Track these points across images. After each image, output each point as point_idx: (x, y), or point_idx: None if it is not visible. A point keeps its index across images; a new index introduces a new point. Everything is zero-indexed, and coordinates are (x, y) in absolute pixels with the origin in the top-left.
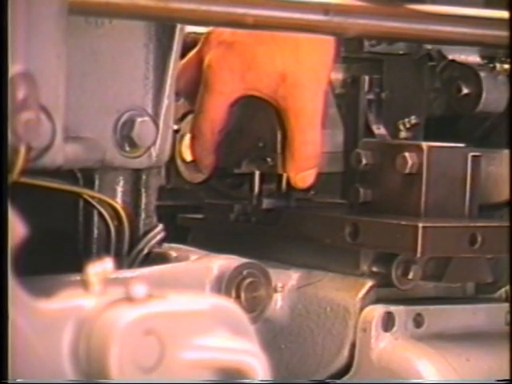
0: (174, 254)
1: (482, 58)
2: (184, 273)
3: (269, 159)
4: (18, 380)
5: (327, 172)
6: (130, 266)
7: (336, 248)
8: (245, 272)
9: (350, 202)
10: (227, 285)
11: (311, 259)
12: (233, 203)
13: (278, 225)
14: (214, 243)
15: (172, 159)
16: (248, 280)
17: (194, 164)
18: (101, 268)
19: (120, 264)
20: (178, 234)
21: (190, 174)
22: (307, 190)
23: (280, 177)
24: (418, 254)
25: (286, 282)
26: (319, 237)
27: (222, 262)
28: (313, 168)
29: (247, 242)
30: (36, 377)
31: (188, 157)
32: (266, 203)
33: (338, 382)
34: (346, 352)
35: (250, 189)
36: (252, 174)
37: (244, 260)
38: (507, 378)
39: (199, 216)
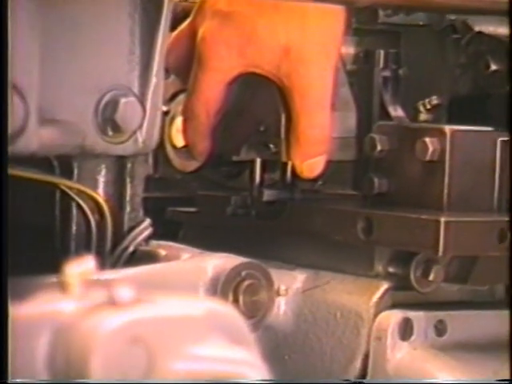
0: (163, 252)
1: None
2: (174, 274)
3: (271, 145)
4: (18, 380)
5: (337, 160)
6: (114, 265)
7: (347, 245)
8: (243, 273)
9: (363, 194)
10: (223, 287)
11: (319, 258)
12: (230, 195)
13: (282, 219)
14: (208, 240)
15: (161, 145)
16: (247, 282)
17: (186, 150)
18: (80, 268)
19: (102, 264)
20: (167, 229)
21: (182, 162)
22: (314, 180)
23: (284, 165)
24: (440, 253)
25: (290, 284)
26: (328, 233)
27: (218, 262)
28: (321, 155)
29: (246, 238)
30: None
31: (179, 142)
32: (268, 195)
33: (338, 381)
34: (358, 363)
35: (249, 179)
36: (252, 162)
37: (242, 259)
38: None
39: (192, 209)
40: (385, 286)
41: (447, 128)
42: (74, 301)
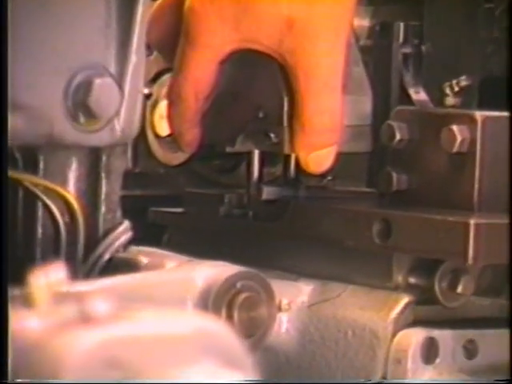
0: (144, 260)
1: None
2: (158, 285)
3: (272, 134)
4: (18, 380)
5: (349, 152)
6: (87, 275)
7: (360, 252)
8: (239, 284)
9: (380, 192)
10: (216, 301)
11: (327, 267)
12: (223, 193)
13: (284, 221)
14: (197, 245)
15: (142, 134)
16: (243, 295)
17: (172, 140)
18: (48, 279)
19: (73, 273)
20: (149, 233)
21: (166, 154)
22: (322, 175)
23: (286, 158)
24: (470, 261)
25: (293, 297)
26: (338, 237)
27: (209, 272)
28: (330, 146)
29: (242, 243)
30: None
31: (163, 131)
32: (268, 193)
33: (337, 381)
34: None
35: (246, 174)
36: (249, 155)
37: (238, 268)
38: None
39: (178, 210)
40: (405, 299)
41: (478, 114)
42: (41, 317)
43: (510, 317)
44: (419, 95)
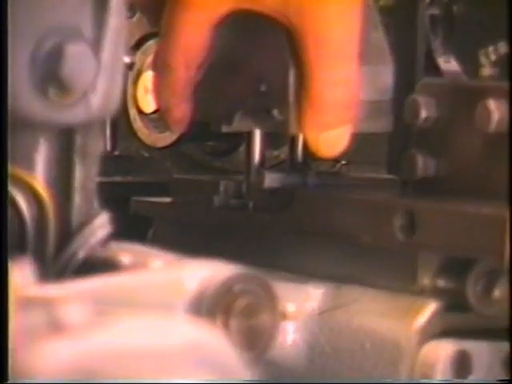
0: (125, 258)
1: None
2: (142, 289)
3: (275, 111)
4: (18, 380)
5: (367, 132)
6: (58, 276)
7: (380, 250)
8: (237, 287)
9: (403, 179)
10: (209, 307)
11: (341, 267)
12: (218, 180)
13: (290, 214)
14: (188, 242)
15: (123, 110)
16: (242, 300)
17: (158, 117)
18: (12, 281)
19: (42, 274)
20: (132, 226)
21: (152, 134)
22: (335, 159)
23: (293, 139)
24: (507, 261)
25: (301, 303)
26: (354, 232)
27: (201, 273)
28: (344, 125)
29: (240, 240)
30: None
31: (148, 106)
32: (271, 180)
33: (337, 381)
34: None
35: (245, 158)
36: (249, 135)
37: (235, 269)
38: None
39: (165, 200)
40: (432, 305)
41: None
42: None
43: (510, 318)
44: (449, 65)
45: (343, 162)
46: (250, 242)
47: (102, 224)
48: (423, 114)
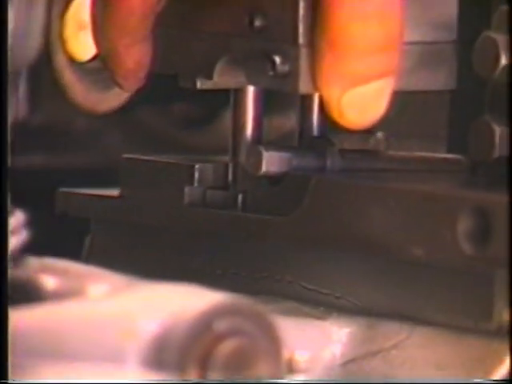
0: (49, 282)
1: None
2: (74, 328)
3: (277, 58)
4: (18, 380)
5: (416, 90)
6: None
7: (436, 268)
8: (219, 325)
9: (471, 160)
10: (178, 356)
11: (376, 295)
12: (190, 162)
13: (299, 213)
14: (143, 256)
15: (46, 58)
16: (228, 344)
17: (99, 68)
18: None
19: None
20: (59, 233)
21: (89, 93)
22: (368, 131)
23: (303, 101)
24: None
25: (317, 348)
26: (396, 242)
27: (165, 302)
28: (380, 78)
29: (223, 253)
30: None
31: (84, 51)
32: (270, 162)
33: (337, 381)
34: None
35: (232, 129)
36: (237, 95)
37: (216, 297)
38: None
39: (109, 192)
40: None
41: None
42: None
43: (510, 316)
44: None
45: (379, 134)
46: (237, 256)
47: (15, 229)
48: (502, 60)
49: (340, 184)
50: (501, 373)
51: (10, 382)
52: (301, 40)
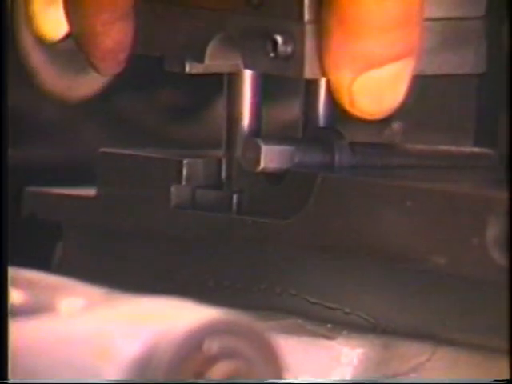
0: (15, 294)
1: None
2: (44, 346)
3: (278, 37)
4: (18, 380)
5: (441, 74)
6: None
7: (462, 280)
8: (211, 345)
9: (501, 155)
10: (167, 380)
11: (392, 310)
12: (178, 157)
13: (303, 217)
14: (123, 266)
15: (10, 37)
16: (221, 367)
17: (74, 50)
18: None
19: None
20: (27, 239)
21: (61, 78)
22: (384, 121)
23: (309, 87)
24: None
25: (324, 370)
26: (415, 249)
27: (148, 321)
28: (398, 60)
29: (216, 262)
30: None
31: (54, 29)
32: (270, 157)
33: (337, 381)
34: None
35: (226, 120)
36: (232, 80)
37: (208, 313)
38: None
39: (84, 192)
40: None
41: None
42: None
43: (510, 316)
44: None
45: (395, 124)
46: (232, 265)
47: None
48: None
49: (350, 182)
50: None
51: (10, 382)
52: (306, 16)
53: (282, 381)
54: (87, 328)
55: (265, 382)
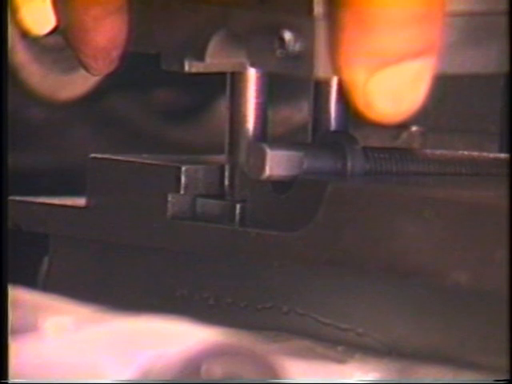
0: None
1: None
2: (26, 368)
3: (285, 33)
4: (18, 380)
5: (462, 73)
6: None
7: (484, 298)
8: (212, 369)
9: None
10: None
11: (407, 331)
12: (175, 164)
13: (312, 229)
14: (115, 282)
15: None
16: None
17: (61, 45)
18: None
19: None
20: (11, 250)
21: (48, 77)
22: (401, 125)
23: (319, 87)
24: None
25: None
26: (433, 265)
27: (141, 342)
28: (416, 59)
29: (216, 278)
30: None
31: (41, 23)
32: (276, 164)
33: (337, 381)
34: None
35: (228, 122)
36: (235, 79)
37: (207, 334)
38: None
39: (72, 201)
40: None
41: None
42: None
43: (509, 315)
44: None
45: (415, 130)
46: (234, 281)
47: None
48: None
49: (363, 191)
50: None
51: (10, 381)
52: (317, 10)
53: (282, 381)
54: (73, 350)
55: (265, 382)
